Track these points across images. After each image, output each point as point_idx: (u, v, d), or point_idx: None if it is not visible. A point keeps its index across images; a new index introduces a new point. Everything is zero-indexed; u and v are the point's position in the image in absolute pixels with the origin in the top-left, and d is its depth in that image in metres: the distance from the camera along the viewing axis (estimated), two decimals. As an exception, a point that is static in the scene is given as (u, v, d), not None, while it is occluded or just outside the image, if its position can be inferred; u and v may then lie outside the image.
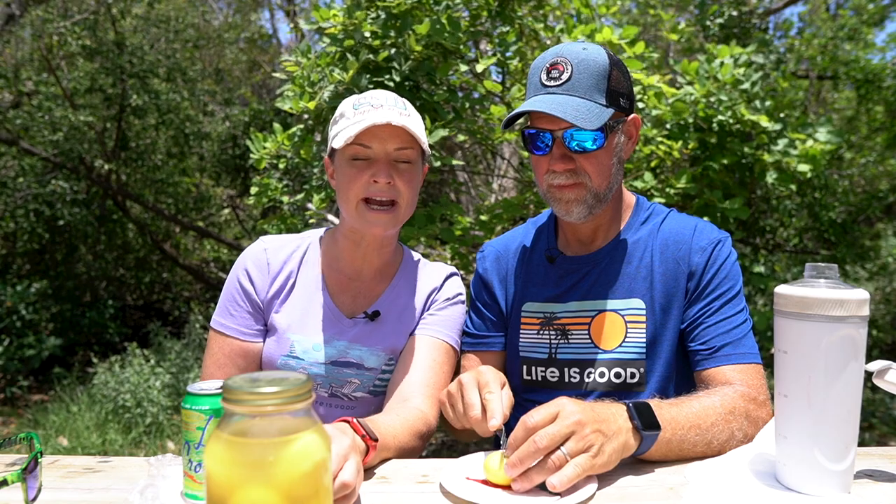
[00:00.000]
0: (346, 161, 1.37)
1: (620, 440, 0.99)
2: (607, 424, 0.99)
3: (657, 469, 1.07)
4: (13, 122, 7.21)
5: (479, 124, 3.04)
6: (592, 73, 1.27)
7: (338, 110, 1.43)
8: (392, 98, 1.39)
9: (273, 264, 1.47)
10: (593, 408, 1.00)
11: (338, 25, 2.64)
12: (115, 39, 7.52)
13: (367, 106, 1.36)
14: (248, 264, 1.47)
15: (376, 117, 1.31)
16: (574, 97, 1.26)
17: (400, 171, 1.36)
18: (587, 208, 1.33)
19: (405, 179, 1.36)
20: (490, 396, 1.09)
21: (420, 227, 2.74)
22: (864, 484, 0.98)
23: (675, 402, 1.12)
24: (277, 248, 1.49)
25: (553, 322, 1.42)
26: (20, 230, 7.66)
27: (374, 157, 1.35)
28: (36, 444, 1.03)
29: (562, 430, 0.95)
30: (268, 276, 1.46)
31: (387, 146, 1.34)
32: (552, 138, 1.29)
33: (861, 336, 0.91)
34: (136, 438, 4.83)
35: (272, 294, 1.45)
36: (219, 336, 1.45)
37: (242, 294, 1.45)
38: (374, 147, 1.34)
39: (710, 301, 1.33)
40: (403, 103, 1.40)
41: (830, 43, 6.68)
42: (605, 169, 1.32)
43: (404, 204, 1.38)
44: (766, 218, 4.51)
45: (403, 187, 1.36)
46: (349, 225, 1.43)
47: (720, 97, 2.95)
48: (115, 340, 7.26)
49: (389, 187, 1.34)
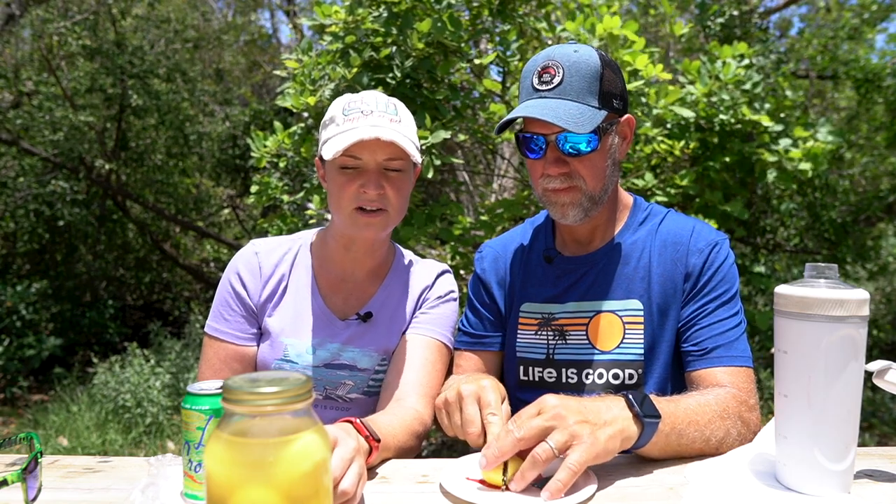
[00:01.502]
0: (336, 170, 1.36)
1: (617, 427, 0.98)
2: (595, 415, 0.97)
3: (657, 469, 1.07)
4: (13, 122, 7.22)
5: (480, 123, 3.04)
6: (584, 75, 1.26)
7: (328, 112, 1.41)
8: (383, 102, 1.38)
9: (265, 268, 1.47)
10: (579, 401, 0.99)
11: (339, 23, 2.64)
12: (115, 39, 7.53)
13: (356, 112, 1.34)
14: (240, 268, 1.47)
15: (365, 130, 1.30)
16: (566, 101, 1.25)
17: (390, 179, 1.36)
18: (582, 211, 1.33)
19: (395, 187, 1.36)
20: (492, 419, 1.08)
21: (420, 226, 2.74)
22: (864, 484, 0.98)
23: (671, 399, 1.12)
24: (268, 251, 1.49)
25: (551, 323, 1.41)
26: (20, 230, 7.66)
27: (363, 168, 1.34)
28: (36, 444, 1.03)
29: (540, 422, 0.94)
30: (260, 279, 1.46)
31: (377, 156, 1.34)
32: (546, 142, 1.29)
33: (861, 336, 0.91)
34: (136, 438, 4.83)
35: (265, 298, 1.45)
36: (213, 341, 1.45)
37: (235, 298, 1.45)
38: (364, 158, 1.33)
39: (705, 303, 1.33)
40: (395, 106, 1.39)
41: (830, 42, 6.67)
42: (599, 171, 1.31)
43: (394, 211, 1.38)
44: (766, 218, 4.51)
45: (393, 195, 1.36)
46: (340, 230, 1.43)
47: (722, 96, 2.95)
48: (115, 340, 7.26)
49: (379, 196, 1.34)
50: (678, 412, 1.08)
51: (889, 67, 5.87)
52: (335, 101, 1.42)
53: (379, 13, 2.68)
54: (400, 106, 1.41)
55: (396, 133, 1.32)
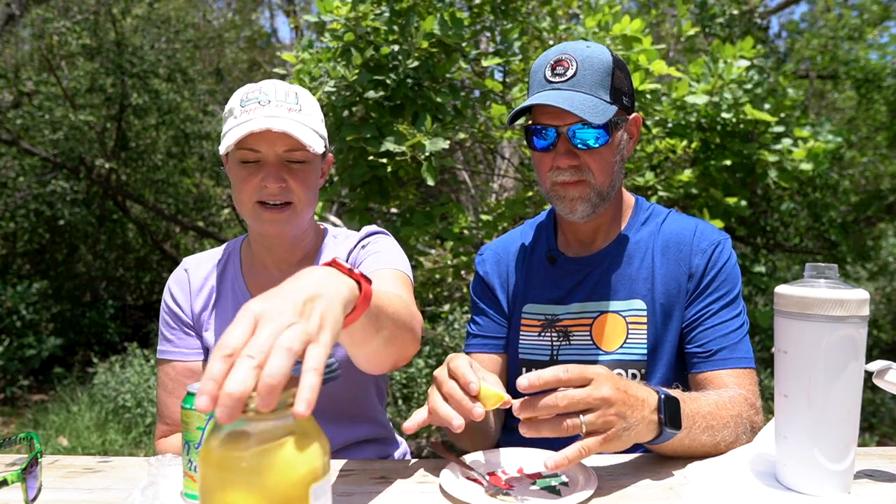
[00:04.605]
0: (236, 164, 1.30)
1: (640, 429, 0.96)
2: (633, 410, 0.95)
3: (657, 469, 1.07)
4: (13, 122, 7.22)
5: (481, 122, 3.04)
6: (597, 69, 1.27)
7: (228, 103, 1.35)
8: (283, 91, 1.32)
9: (194, 282, 1.46)
10: (627, 388, 0.96)
11: (341, 19, 2.63)
12: (116, 39, 7.52)
13: (254, 103, 1.28)
14: (172, 286, 1.47)
15: (257, 122, 1.23)
16: (580, 93, 1.26)
17: (293, 171, 1.30)
18: (591, 206, 1.33)
19: (299, 179, 1.30)
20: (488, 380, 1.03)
21: (420, 226, 2.74)
22: (864, 484, 0.98)
23: (693, 398, 1.10)
24: (197, 265, 1.48)
25: (555, 324, 1.41)
26: (20, 230, 7.66)
27: (263, 160, 1.29)
28: (36, 444, 1.03)
29: (587, 399, 0.92)
30: (189, 294, 1.45)
31: (276, 148, 1.28)
32: (557, 134, 1.29)
33: (861, 336, 0.91)
34: (136, 438, 4.83)
35: (199, 310, 1.44)
36: (164, 364, 1.44)
37: (172, 316, 1.45)
38: (263, 149, 1.27)
39: (708, 303, 1.33)
40: (295, 95, 1.32)
41: (830, 42, 6.67)
42: (608, 166, 1.32)
43: (301, 203, 1.32)
44: (766, 217, 4.51)
45: (298, 187, 1.30)
46: (252, 228, 1.39)
47: (724, 95, 2.95)
48: (116, 340, 7.26)
49: (282, 190, 1.28)
50: (698, 417, 1.06)
51: (889, 67, 5.87)
52: (236, 92, 1.37)
53: (381, 11, 2.68)
54: (302, 94, 1.35)
55: (294, 122, 1.27)
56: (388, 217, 3.22)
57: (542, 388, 0.92)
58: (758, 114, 2.94)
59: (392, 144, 2.43)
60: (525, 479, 1.04)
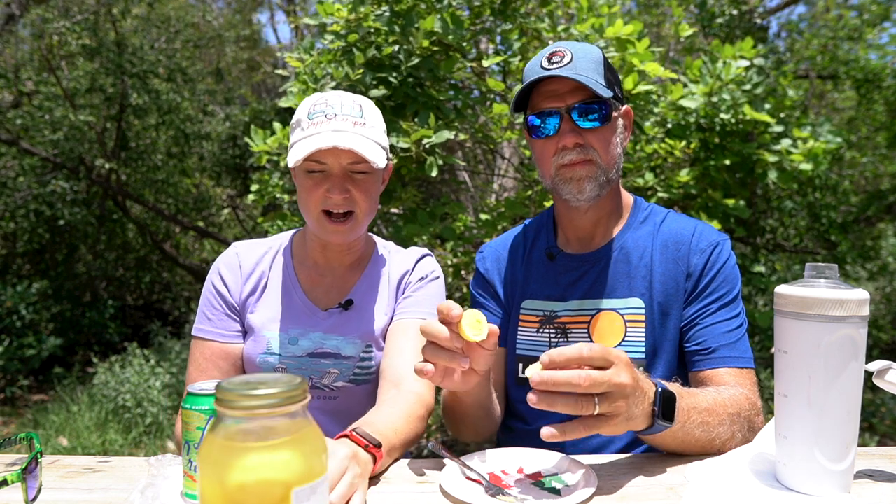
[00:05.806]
0: (303, 174, 1.38)
1: (636, 420, 0.97)
2: (638, 402, 0.96)
3: (657, 469, 1.07)
4: (13, 122, 7.22)
5: (481, 122, 3.03)
6: (591, 59, 1.32)
7: (296, 114, 1.42)
8: (348, 103, 1.38)
9: (245, 266, 1.49)
10: (639, 381, 0.97)
11: (341, 21, 2.64)
12: (115, 39, 7.52)
13: (320, 116, 1.35)
14: (221, 268, 1.50)
15: (324, 137, 1.30)
16: (578, 74, 1.29)
17: (356, 181, 1.37)
18: (598, 186, 1.34)
19: (362, 189, 1.37)
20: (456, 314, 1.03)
21: (421, 225, 2.74)
22: (864, 484, 0.98)
23: (691, 393, 1.11)
24: (249, 250, 1.52)
25: (553, 321, 1.42)
26: (20, 230, 7.66)
27: (328, 171, 1.36)
28: (36, 444, 1.03)
29: (608, 383, 0.91)
30: (240, 277, 1.49)
31: (341, 160, 1.34)
32: (560, 116, 1.31)
33: (861, 336, 0.91)
34: (136, 438, 4.83)
35: (246, 294, 1.48)
36: (200, 342, 1.47)
37: (218, 297, 1.48)
38: (329, 162, 1.35)
39: (707, 303, 1.34)
40: (360, 108, 1.39)
41: (830, 42, 6.67)
42: (611, 147, 1.35)
43: (362, 213, 1.39)
44: (766, 217, 4.51)
45: (360, 197, 1.37)
46: (312, 232, 1.46)
47: (723, 96, 2.95)
48: (115, 340, 7.27)
49: (345, 200, 1.36)
50: (693, 413, 1.07)
51: (889, 67, 5.87)
52: (303, 102, 1.42)
53: (381, 12, 2.68)
54: (367, 106, 1.41)
55: (359, 137, 1.33)
56: (388, 217, 3.22)
57: (565, 365, 0.92)
58: (756, 114, 2.94)
59: (395, 139, 2.44)
60: (525, 479, 1.04)
